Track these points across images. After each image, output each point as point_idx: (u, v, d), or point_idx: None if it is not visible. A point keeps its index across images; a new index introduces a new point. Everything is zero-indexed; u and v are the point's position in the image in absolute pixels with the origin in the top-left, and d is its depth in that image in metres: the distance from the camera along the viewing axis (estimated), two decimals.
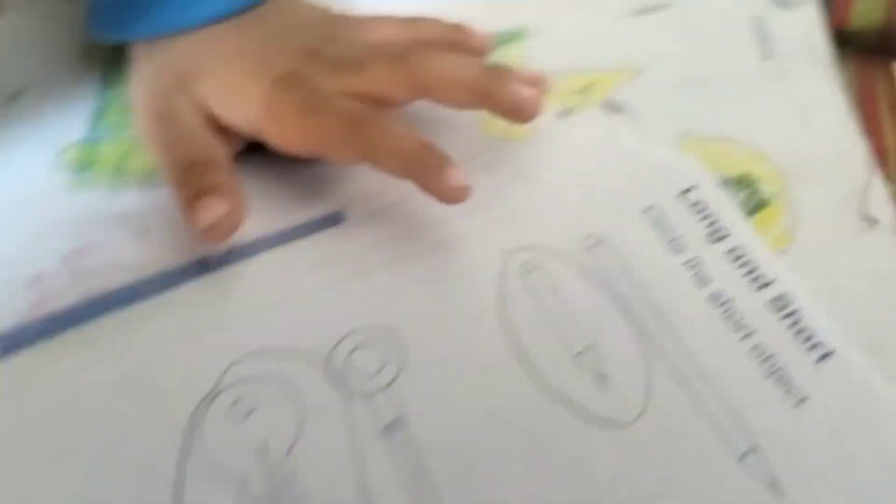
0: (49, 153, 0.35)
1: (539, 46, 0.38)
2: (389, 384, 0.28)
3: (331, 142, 0.30)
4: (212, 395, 0.28)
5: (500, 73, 0.31)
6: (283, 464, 0.26)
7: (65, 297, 0.30)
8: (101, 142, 0.35)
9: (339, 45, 0.32)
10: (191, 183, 0.30)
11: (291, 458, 0.26)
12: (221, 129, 0.32)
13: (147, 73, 0.33)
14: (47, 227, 0.32)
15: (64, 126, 0.35)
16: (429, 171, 0.29)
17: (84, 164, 0.34)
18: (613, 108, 0.35)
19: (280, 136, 0.31)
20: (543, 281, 0.30)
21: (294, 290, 0.30)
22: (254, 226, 0.31)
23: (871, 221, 0.32)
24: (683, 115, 0.35)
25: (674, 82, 0.37)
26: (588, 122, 0.35)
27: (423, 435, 0.27)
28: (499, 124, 0.35)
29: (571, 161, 0.34)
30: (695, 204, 0.32)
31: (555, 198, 0.33)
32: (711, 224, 0.32)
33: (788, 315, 0.29)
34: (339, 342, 0.29)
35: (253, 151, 0.33)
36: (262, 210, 0.32)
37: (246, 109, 0.31)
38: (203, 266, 0.30)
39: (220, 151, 0.31)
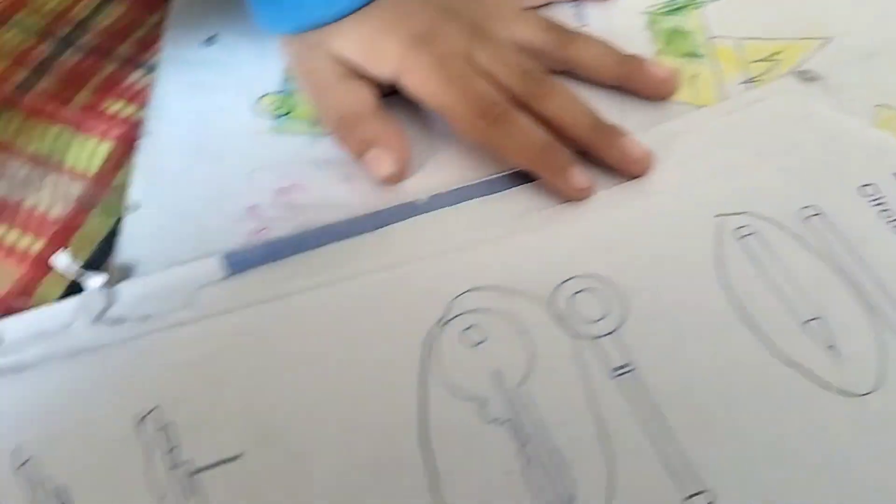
0: (248, 98, 0.35)
1: (717, 13, 0.37)
2: (614, 331, 0.28)
3: (457, 118, 0.31)
4: (444, 320, 0.28)
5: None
6: (518, 392, 0.26)
7: (279, 228, 0.31)
8: (294, 94, 0.36)
9: (480, 7, 0.33)
10: (347, 137, 0.32)
11: (526, 388, 0.26)
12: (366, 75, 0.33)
13: (294, 36, 0.34)
14: (257, 164, 0.33)
15: (258, 74, 0.36)
16: (554, 170, 0.31)
17: (281, 112, 0.35)
18: (807, 77, 0.35)
19: (414, 91, 0.32)
20: (761, 247, 0.29)
21: (508, 234, 0.30)
22: (453, 176, 0.32)
23: None
24: (878, 86, 0.34)
25: (866, 51, 0.35)
26: (782, 90, 0.34)
27: (655, 380, 0.26)
28: (686, 91, 0.35)
29: (773, 129, 0.33)
30: None
31: (762, 164, 0.32)
32: None
33: None
34: (559, 286, 0.29)
35: None
36: (459, 163, 0.33)
37: (383, 63, 0.32)
38: (412, 208, 0.31)
39: (368, 98, 0.32)
